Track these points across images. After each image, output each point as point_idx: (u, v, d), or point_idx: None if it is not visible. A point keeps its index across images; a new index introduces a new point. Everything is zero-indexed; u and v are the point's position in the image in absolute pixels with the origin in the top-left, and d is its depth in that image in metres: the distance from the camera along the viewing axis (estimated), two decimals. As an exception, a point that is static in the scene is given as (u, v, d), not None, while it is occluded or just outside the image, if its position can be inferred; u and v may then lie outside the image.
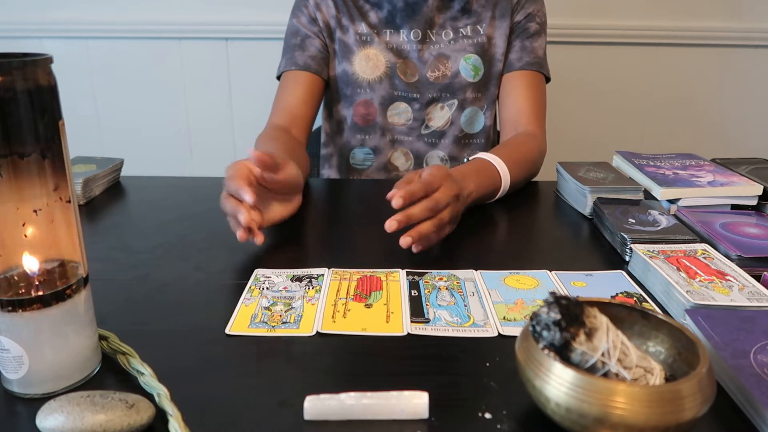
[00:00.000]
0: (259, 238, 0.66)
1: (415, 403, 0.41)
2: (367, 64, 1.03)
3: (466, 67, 1.04)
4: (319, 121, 1.16)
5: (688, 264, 0.61)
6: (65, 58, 1.59)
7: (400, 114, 1.06)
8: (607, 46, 1.60)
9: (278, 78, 1.06)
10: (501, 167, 0.85)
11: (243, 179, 0.64)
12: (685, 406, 0.35)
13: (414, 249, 0.66)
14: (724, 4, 1.56)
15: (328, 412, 0.41)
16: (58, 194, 0.42)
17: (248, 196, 0.62)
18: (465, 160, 0.88)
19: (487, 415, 0.42)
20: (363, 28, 1.03)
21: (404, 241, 0.63)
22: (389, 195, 0.64)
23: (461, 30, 1.04)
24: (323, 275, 0.63)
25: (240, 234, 0.64)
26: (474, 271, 0.64)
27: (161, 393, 0.42)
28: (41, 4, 1.54)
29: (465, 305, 0.57)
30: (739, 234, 0.70)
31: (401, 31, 1.03)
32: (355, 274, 0.63)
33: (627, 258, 0.67)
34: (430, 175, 0.68)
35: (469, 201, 0.77)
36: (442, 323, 0.54)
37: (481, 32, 1.04)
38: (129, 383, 0.45)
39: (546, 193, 0.94)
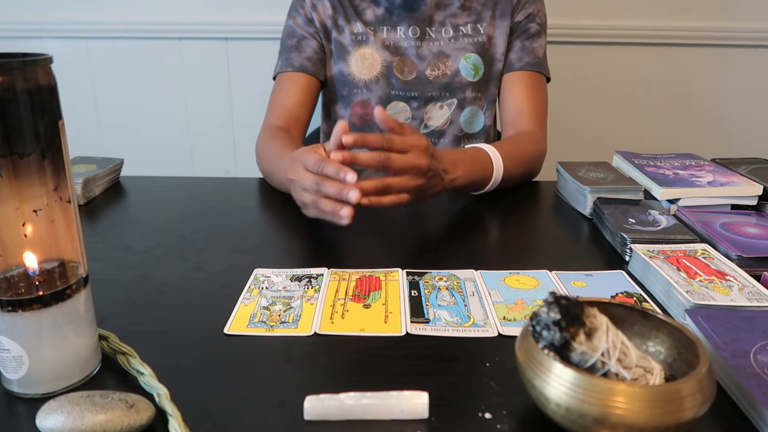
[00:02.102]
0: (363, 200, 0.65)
1: (415, 403, 0.41)
2: (362, 64, 1.03)
3: (467, 66, 1.03)
4: (316, 122, 1.16)
5: (688, 264, 0.61)
6: (65, 58, 1.59)
7: (398, 113, 1.06)
8: (607, 46, 1.60)
9: (274, 78, 1.06)
10: (495, 157, 0.84)
11: (332, 161, 0.64)
12: (685, 406, 0.35)
13: (361, 201, 0.64)
14: (724, 4, 1.56)
15: (328, 412, 0.41)
16: (58, 194, 0.42)
17: (350, 175, 0.62)
18: (462, 145, 0.88)
19: (487, 415, 0.42)
20: (358, 27, 1.03)
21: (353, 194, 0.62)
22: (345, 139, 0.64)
23: (461, 28, 1.04)
24: (323, 275, 0.63)
25: (348, 213, 0.62)
26: (474, 271, 0.64)
27: (161, 393, 0.42)
28: (41, 4, 1.54)
29: (465, 305, 0.57)
30: (739, 234, 0.70)
31: (398, 28, 1.03)
32: (354, 274, 0.63)
33: (627, 258, 0.67)
34: (402, 134, 0.68)
35: (454, 186, 0.77)
36: (442, 323, 0.54)
37: (482, 31, 1.04)
38: (129, 383, 0.45)
39: (546, 193, 0.94)
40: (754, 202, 0.80)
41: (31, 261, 0.42)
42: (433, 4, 1.02)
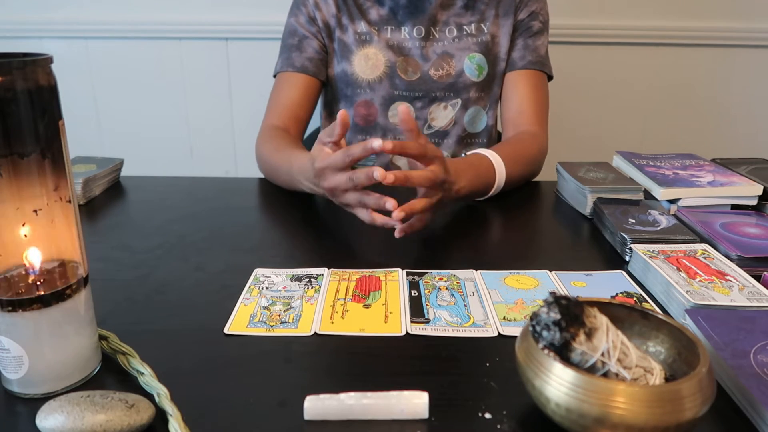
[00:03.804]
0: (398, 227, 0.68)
1: (415, 403, 0.41)
2: (366, 63, 1.03)
3: (471, 66, 1.03)
4: (316, 121, 1.16)
5: (688, 264, 0.61)
6: (65, 58, 1.59)
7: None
8: (607, 46, 1.60)
9: (275, 76, 1.06)
10: (497, 163, 0.84)
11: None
12: (685, 406, 0.35)
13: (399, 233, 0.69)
14: (724, 4, 1.56)
15: (328, 412, 0.41)
16: (58, 194, 0.42)
17: (389, 203, 0.64)
18: (463, 155, 0.88)
19: (487, 415, 0.42)
20: (362, 27, 1.03)
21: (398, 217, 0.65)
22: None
23: (465, 28, 1.03)
24: (323, 275, 0.63)
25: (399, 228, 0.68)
26: (474, 271, 0.64)
27: (161, 393, 0.42)
28: (41, 4, 1.54)
29: (465, 305, 0.57)
30: (739, 234, 0.70)
31: (403, 28, 1.03)
32: (354, 274, 0.63)
33: (627, 258, 0.67)
34: (421, 142, 0.69)
35: (459, 196, 0.77)
36: (442, 323, 0.54)
37: (485, 31, 1.04)
38: (129, 383, 0.45)
39: (546, 193, 0.94)
40: (754, 202, 0.80)
41: (31, 261, 0.42)
42: (438, 3, 1.02)
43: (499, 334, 0.52)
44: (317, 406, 0.41)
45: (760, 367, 0.44)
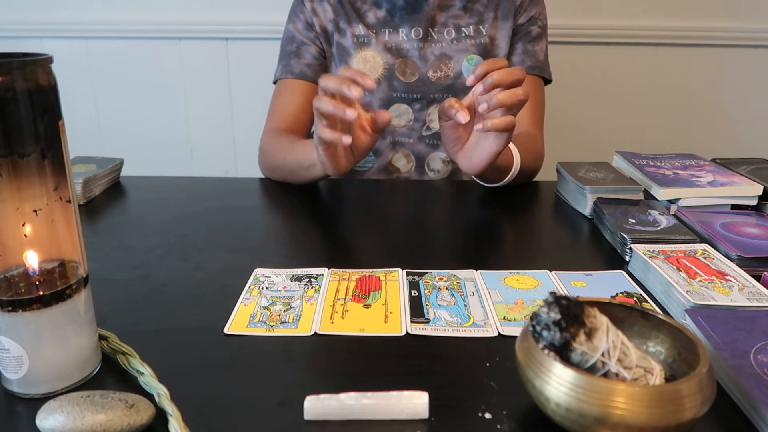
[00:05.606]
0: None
1: (415, 403, 0.41)
2: (364, 66, 1.03)
3: (469, 68, 1.03)
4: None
5: (688, 264, 0.61)
6: (65, 58, 1.59)
7: (401, 116, 1.05)
8: (607, 46, 1.60)
9: (274, 83, 1.07)
10: (513, 149, 0.87)
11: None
12: (685, 406, 0.35)
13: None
14: (724, 4, 1.56)
15: (328, 412, 0.41)
16: (58, 194, 0.42)
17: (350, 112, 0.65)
18: None
19: (487, 415, 0.42)
20: (360, 29, 1.03)
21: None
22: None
23: (464, 29, 1.04)
24: (323, 275, 0.63)
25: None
26: (474, 271, 0.64)
27: (161, 393, 0.42)
28: (41, 4, 1.55)
29: (465, 305, 0.57)
30: (739, 234, 0.70)
31: (401, 29, 1.03)
32: (354, 274, 0.63)
33: (627, 258, 0.67)
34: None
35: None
36: (442, 323, 0.54)
37: (484, 33, 1.04)
38: (129, 383, 0.45)
39: (546, 193, 0.94)
40: (754, 202, 0.80)
41: (31, 261, 0.42)
42: (436, 4, 1.02)
43: (499, 334, 0.52)
44: (317, 406, 0.41)
45: (760, 367, 0.44)
